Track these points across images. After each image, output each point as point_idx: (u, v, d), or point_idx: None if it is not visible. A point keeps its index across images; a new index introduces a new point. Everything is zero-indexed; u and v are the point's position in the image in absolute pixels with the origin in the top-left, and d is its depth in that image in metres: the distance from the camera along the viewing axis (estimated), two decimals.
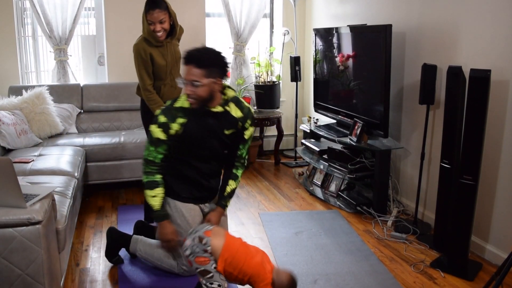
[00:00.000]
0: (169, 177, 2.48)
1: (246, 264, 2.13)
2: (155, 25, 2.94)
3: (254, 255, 2.17)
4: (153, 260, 2.64)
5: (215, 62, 2.28)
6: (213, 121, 2.38)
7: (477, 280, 2.65)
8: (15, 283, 2.03)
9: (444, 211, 2.92)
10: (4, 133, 3.61)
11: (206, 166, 2.47)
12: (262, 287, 2.13)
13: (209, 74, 2.25)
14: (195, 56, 2.25)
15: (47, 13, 4.33)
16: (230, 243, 2.15)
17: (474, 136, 2.60)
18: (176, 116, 2.35)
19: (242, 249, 2.17)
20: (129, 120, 4.51)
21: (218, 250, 2.11)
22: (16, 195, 2.01)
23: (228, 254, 2.12)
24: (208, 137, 2.40)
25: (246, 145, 2.53)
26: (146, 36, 3.02)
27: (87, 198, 3.93)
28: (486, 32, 2.81)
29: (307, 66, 5.33)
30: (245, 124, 2.46)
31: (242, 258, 2.13)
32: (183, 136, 2.36)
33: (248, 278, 2.14)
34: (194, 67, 2.23)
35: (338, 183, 3.98)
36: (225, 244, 2.13)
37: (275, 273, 2.18)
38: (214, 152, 2.45)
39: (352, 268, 2.75)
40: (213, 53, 2.31)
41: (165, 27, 2.97)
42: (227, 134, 2.44)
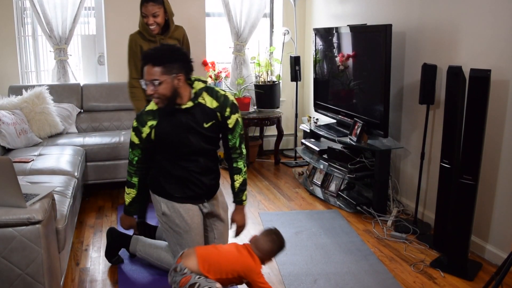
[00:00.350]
0: (161, 178, 2.44)
1: (227, 262, 2.17)
2: (148, 18, 2.98)
3: (229, 251, 2.23)
4: (153, 260, 2.64)
5: (172, 57, 2.23)
6: (187, 117, 2.32)
7: (477, 280, 2.65)
8: (15, 283, 2.03)
9: (444, 211, 2.92)
10: (4, 133, 3.61)
11: (193, 164, 2.42)
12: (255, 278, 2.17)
13: (167, 71, 2.20)
14: (151, 55, 2.22)
15: (47, 12, 4.33)
16: (202, 254, 2.18)
17: (474, 136, 2.60)
18: (147, 120, 2.33)
19: (216, 252, 2.21)
20: (129, 120, 4.50)
21: (195, 267, 2.14)
22: (16, 195, 2.01)
23: (206, 264, 2.14)
24: (184, 134, 2.34)
25: (235, 133, 2.44)
26: (140, 28, 3.08)
27: (87, 197, 3.93)
28: (486, 32, 2.81)
29: (307, 66, 5.33)
30: (224, 113, 2.37)
31: (220, 260, 2.17)
32: (157, 138, 2.35)
33: (239, 274, 2.17)
34: (152, 66, 2.19)
35: (338, 182, 3.98)
36: (198, 259, 2.15)
37: (253, 244, 2.25)
38: (196, 148, 2.39)
39: (352, 267, 2.75)
40: (169, 49, 2.26)
41: (158, 21, 3.00)
42: (207, 127, 2.36)
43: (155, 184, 2.46)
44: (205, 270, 2.15)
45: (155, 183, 2.46)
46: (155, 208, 2.50)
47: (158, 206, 2.46)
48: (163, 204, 2.44)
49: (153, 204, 2.52)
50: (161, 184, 2.44)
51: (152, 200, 2.52)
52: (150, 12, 2.96)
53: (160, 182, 2.44)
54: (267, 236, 2.27)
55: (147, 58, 2.22)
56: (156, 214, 2.52)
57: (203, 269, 2.14)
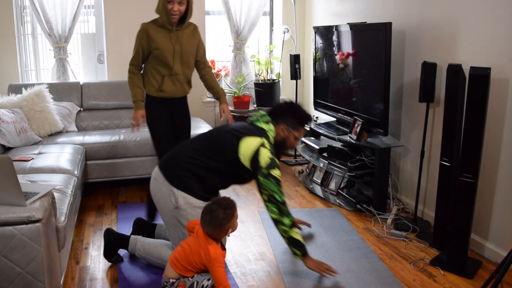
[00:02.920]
0: (192, 181, 2.47)
1: (192, 254, 2.25)
2: (174, 4, 2.87)
3: (190, 242, 2.29)
4: (153, 259, 2.64)
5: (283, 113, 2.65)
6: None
7: (476, 278, 2.65)
8: (15, 281, 2.03)
9: (444, 209, 2.92)
10: (3, 131, 3.61)
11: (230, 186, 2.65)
12: (214, 266, 2.20)
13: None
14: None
15: (47, 11, 4.32)
16: (172, 259, 2.31)
17: (474, 134, 2.60)
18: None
19: (181, 250, 2.30)
20: (129, 118, 4.51)
21: (173, 273, 2.29)
22: (16, 193, 2.01)
23: (178, 265, 2.28)
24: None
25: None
26: (160, 15, 2.94)
27: (87, 196, 3.94)
28: (486, 30, 2.81)
29: (307, 64, 5.33)
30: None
31: (186, 255, 2.27)
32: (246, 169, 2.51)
33: (202, 264, 2.25)
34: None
35: (338, 181, 3.98)
36: (170, 265, 2.30)
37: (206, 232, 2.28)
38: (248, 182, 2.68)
39: (352, 265, 2.75)
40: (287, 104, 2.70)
41: (181, 9, 2.92)
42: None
43: (180, 180, 2.46)
44: (181, 271, 2.26)
45: (179, 179, 2.47)
46: (165, 201, 2.49)
47: (172, 199, 2.45)
48: (181, 197, 2.44)
49: (162, 199, 2.51)
50: (187, 181, 2.45)
51: (162, 194, 2.50)
52: None
53: (186, 179, 2.46)
54: (202, 221, 2.25)
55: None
56: (162, 210, 2.53)
57: (179, 271, 2.26)
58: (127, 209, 3.62)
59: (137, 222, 2.93)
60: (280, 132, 2.62)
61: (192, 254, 2.25)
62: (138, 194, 4.00)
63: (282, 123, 2.62)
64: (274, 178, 2.41)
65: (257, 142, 2.44)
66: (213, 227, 2.22)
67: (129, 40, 4.72)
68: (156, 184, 2.54)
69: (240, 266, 2.77)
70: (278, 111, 2.65)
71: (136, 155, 3.97)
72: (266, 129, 2.54)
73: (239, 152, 2.44)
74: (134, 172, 4.00)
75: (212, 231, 2.23)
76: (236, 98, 4.84)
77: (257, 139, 2.45)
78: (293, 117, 2.65)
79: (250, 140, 2.44)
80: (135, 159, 3.98)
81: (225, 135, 2.52)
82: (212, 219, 2.20)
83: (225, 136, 2.51)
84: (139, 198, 3.91)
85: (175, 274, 2.28)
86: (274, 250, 2.95)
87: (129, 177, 4.01)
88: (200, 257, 2.23)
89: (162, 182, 2.51)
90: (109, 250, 2.76)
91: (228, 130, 2.54)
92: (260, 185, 2.43)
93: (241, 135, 2.47)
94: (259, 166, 2.40)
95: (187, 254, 2.27)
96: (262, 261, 2.84)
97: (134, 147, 3.95)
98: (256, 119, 2.61)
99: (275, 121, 2.61)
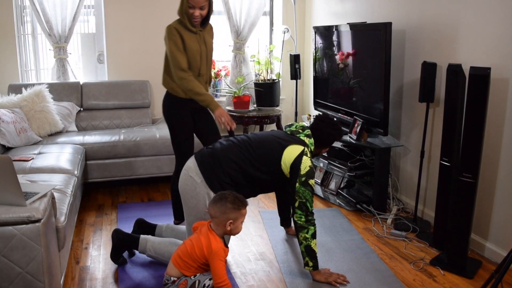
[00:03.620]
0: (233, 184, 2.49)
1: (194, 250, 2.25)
2: (195, 10, 2.88)
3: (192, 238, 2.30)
4: (164, 259, 2.63)
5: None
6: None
7: (476, 278, 2.65)
8: (15, 281, 2.03)
9: (444, 209, 2.92)
10: (3, 131, 3.61)
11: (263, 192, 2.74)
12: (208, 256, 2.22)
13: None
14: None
15: (47, 11, 4.32)
16: (174, 256, 2.32)
17: (473, 134, 2.60)
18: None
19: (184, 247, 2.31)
20: (129, 118, 4.51)
21: (175, 271, 2.29)
22: (16, 193, 2.01)
23: (180, 262, 2.28)
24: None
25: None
26: (181, 18, 2.93)
27: (87, 196, 3.94)
28: (486, 30, 2.81)
29: (307, 64, 5.33)
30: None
31: (189, 252, 2.27)
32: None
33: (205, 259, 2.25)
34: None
35: (337, 181, 3.98)
36: (173, 262, 2.31)
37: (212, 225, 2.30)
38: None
39: (352, 265, 2.75)
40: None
41: (203, 14, 2.92)
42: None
43: (220, 185, 2.47)
44: (183, 268, 2.27)
45: (219, 185, 2.47)
46: (198, 202, 2.48)
47: (207, 202, 2.45)
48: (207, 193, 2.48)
49: (194, 198, 2.49)
50: (226, 188, 2.46)
51: (196, 194, 2.49)
52: (199, 4, 2.87)
53: (226, 186, 2.47)
54: (213, 202, 2.29)
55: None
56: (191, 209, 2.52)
57: (181, 269, 2.27)
58: (127, 209, 3.62)
59: (138, 222, 2.93)
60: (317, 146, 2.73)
61: (194, 248, 2.25)
62: (138, 194, 4.00)
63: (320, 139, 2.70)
64: (310, 187, 2.48)
65: (301, 149, 2.52)
66: (218, 210, 2.25)
67: (129, 40, 4.73)
68: (191, 182, 2.51)
69: (240, 266, 2.77)
70: (320, 127, 2.70)
71: (135, 155, 3.97)
72: (308, 143, 2.60)
73: (282, 159, 2.50)
74: (134, 172, 4.00)
75: (215, 212, 2.25)
76: (236, 98, 4.84)
77: (301, 147, 2.53)
78: (330, 135, 2.71)
79: (295, 148, 2.52)
80: (135, 159, 3.98)
81: (270, 143, 2.57)
82: (221, 203, 2.25)
83: (270, 143, 2.56)
84: (139, 198, 3.91)
85: (176, 272, 2.28)
86: (274, 250, 2.95)
87: (129, 177, 4.01)
88: (202, 250, 2.23)
89: (199, 182, 2.48)
90: (117, 251, 2.74)
91: (273, 138, 2.60)
92: (296, 191, 2.47)
93: (286, 143, 2.54)
94: (299, 173, 2.46)
95: (189, 250, 2.27)
96: (262, 261, 2.84)
97: (134, 147, 3.95)
98: (295, 130, 2.67)
99: (315, 136, 2.67)
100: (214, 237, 2.25)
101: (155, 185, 4.26)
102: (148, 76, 4.81)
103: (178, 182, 2.71)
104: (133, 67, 4.79)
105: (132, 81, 4.65)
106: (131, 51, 4.76)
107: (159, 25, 4.78)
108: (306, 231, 2.48)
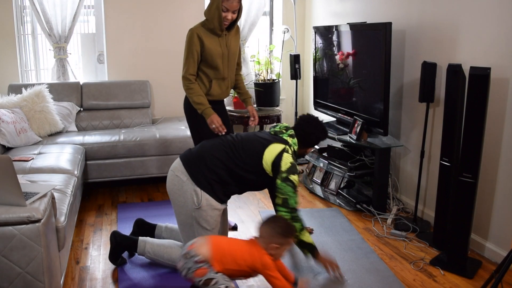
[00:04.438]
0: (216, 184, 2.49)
1: (239, 254, 2.18)
2: (228, 13, 2.82)
3: (244, 244, 2.25)
4: (164, 261, 2.64)
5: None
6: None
7: (476, 277, 2.65)
8: (15, 281, 2.03)
9: (444, 209, 2.92)
10: (3, 131, 3.61)
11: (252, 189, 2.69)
12: (264, 273, 2.18)
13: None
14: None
15: (47, 11, 4.32)
16: (216, 243, 2.21)
17: (473, 134, 2.60)
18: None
19: (228, 243, 2.25)
20: (129, 118, 4.51)
21: (208, 255, 2.15)
22: (15, 193, 2.01)
23: (219, 253, 2.16)
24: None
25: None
26: (210, 20, 2.84)
27: (87, 196, 3.94)
28: (486, 30, 2.81)
29: (307, 64, 5.33)
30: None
31: (233, 251, 2.19)
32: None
33: (250, 267, 2.18)
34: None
35: (338, 181, 3.98)
36: (212, 247, 2.18)
37: (258, 235, 2.27)
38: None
39: (352, 265, 2.75)
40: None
41: (234, 17, 2.87)
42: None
43: (206, 182, 2.47)
44: (217, 259, 2.15)
45: (205, 181, 2.47)
46: (186, 200, 2.47)
47: (195, 199, 2.45)
48: (204, 198, 2.45)
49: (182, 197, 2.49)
50: (213, 184, 2.47)
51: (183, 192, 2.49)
52: (233, 8, 2.81)
53: (212, 182, 2.47)
54: (266, 222, 2.29)
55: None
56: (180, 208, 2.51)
57: (215, 257, 2.15)
58: (127, 209, 3.62)
59: (138, 222, 2.93)
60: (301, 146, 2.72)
61: (243, 253, 2.19)
62: (138, 194, 4.00)
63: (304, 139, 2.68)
64: (292, 182, 2.46)
65: (281, 147, 2.51)
66: (266, 231, 2.24)
67: (129, 40, 4.73)
68: (178, 181, 2.51)
69: None
70: (303, 127, 2.68)
71: (135, 155, 3.97)
72: (291, 142, 2.59)
73: (263, 158, 2.49)
74: (134, 172, 4.00)
75: (263, 232, 2.25)
76: (236, 98, 4.84)
77: (282, 146, 2.53)
78: (313, 134, 2.69)
79: (275, 146, 2.52)
80: (135, 159, 3.98)
81: (252, 143, 2.56)
82: (271, 225, 2.25)
83: (252, 144, 2.56)
84: (139, 198, 3.91)
85: (208, 255, 2.15)
86: None
87: (129, 177, 4.01)
88: (253, 259, 2.18)
89: (185, 180, 2.49)
90: (116, 253, 2.74)
91: (255, 138, 2.59)
92: (277, 188, 2.47)
93: (268, 143, 2.54)
94: (280, 169, 2.46)
95: (235, 249, 2.20)
96: None
97: (134, 147, 3.95)
98: (279, 131, 2.66)
99: (298, 136, 2.65)
100: (267, 255, 2.22)
101: (155, 185, 4.26)
102: (148, 76, 4.81)
103: None
104: (133, 67, 4.79)
105: (132, 81, 4.64)
106: (131, 51, 4.75)
107: (159, 25, 4.79)
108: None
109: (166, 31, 4.79)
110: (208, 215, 2.47)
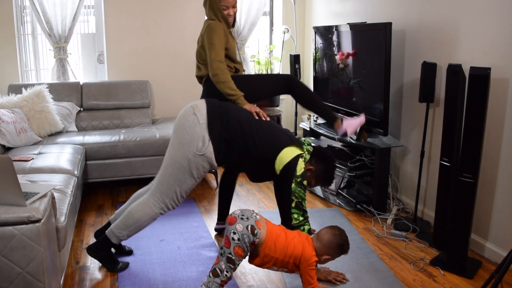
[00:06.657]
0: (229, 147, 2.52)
1: (287, 245, 2.28)
2: (229, 10, 2.88)
3: (294, 236, 2.34)
4: (135, 228, 2.59)
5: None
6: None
7: (476, 278, 2.65)
8: (15, 281, 2.03)
9: (444, 209, 2.92)
10: (3, 131, 3.61)
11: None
12: (305, 268, 2.27)
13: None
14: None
15: (47, 11, 4.32)
16: (271, 230, 2.30)
17: (473, 134, 2.60)
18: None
19: (284, 234, 2.33)
20: (129, 118, 4.51)
21: (262, 239, 2.26)
22: (15, 193, 2.01)
23: (271, 240, 2.27)
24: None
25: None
26: (214, 18, 2.89)
27: (87, 196, 3.94)
28: (486, 30, 2.81)
29: (307, 64, 5.33)
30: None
31: (283, 241, 2.29)
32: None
33: (293, 259, 2.28)
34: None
35: (337, 181, 3.99)
36: (267, 232, 2.28)
37: (315, 236, 2.40)
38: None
39: (353, 265, 2.75)
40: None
41: (235, 11, 2.93)
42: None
43: (220, 138, 2.50)
44: (268, 245, 2.25)
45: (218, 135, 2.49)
46: (191, 141, 2.47)
47: (200, 143, 2.46)
48: (209, 150, 2.48)
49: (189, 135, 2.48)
50: (222, 143, 2.50)
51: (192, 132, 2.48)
52: (231, 3, 2.88)
53: (223, 142, 2.51)
54: (331, 229, 2.40)
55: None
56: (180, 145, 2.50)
57: (266, 243, 2.26)
58: None
59: (96, 235, 2.87)
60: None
61: (296, 246, 2.28)
62: None
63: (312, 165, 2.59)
64: (304, 187, 2.50)
65: (300, 152, 2.53)
66: (326, 238, 2.36)
67: (129, 40, 4.73)
68: (193, 120, 2.50)
69: (240, 266, 2.77)
70: (319, 156, 2.60)
71: (136, 155, 3.97)
72: (305, 156, 2.56)
73: (281, 152, 2.51)
74: (134, 172, 4.00)
75: (324, 235, 2.37)
76: None
77: (300, 151, 2.55)
78: (321, 170, 2.58)
79: (296, 149, 2.54)
80: (135, 159, 3.98)
81: (280, 131, 2.60)
82: (333, 236, 2.36)
83: (280, 131, 2.60)
84: None
85: (263, 236, 2.25)
86: None
87: (129, 177, 4.01)
88: (300, 252, 2.27)
89: (201, 123, 2.48)
90: (108, 261, 2.70)
91: (284, 131, 2.64)
92: (292, 192, 2.49)
93: (293, 142, 2.57)
94: (295, 173, 2.47)
95: (288, 241, 2.29)
96: None
97: (134, 147, 3.95)
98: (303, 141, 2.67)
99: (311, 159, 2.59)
100: (312, 251, 2.31)
101: None
102: (148, 76, 4.81)
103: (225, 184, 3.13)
104: (133, 67, 4.79)
105: (132, 81, 4.65)
106: (131, 51, 4.75)
107: (159, 25, 4.79)
108: (302, 229, 2.51)
109: (166, 31, 4.79)
110: (201, 166, 2.51)
